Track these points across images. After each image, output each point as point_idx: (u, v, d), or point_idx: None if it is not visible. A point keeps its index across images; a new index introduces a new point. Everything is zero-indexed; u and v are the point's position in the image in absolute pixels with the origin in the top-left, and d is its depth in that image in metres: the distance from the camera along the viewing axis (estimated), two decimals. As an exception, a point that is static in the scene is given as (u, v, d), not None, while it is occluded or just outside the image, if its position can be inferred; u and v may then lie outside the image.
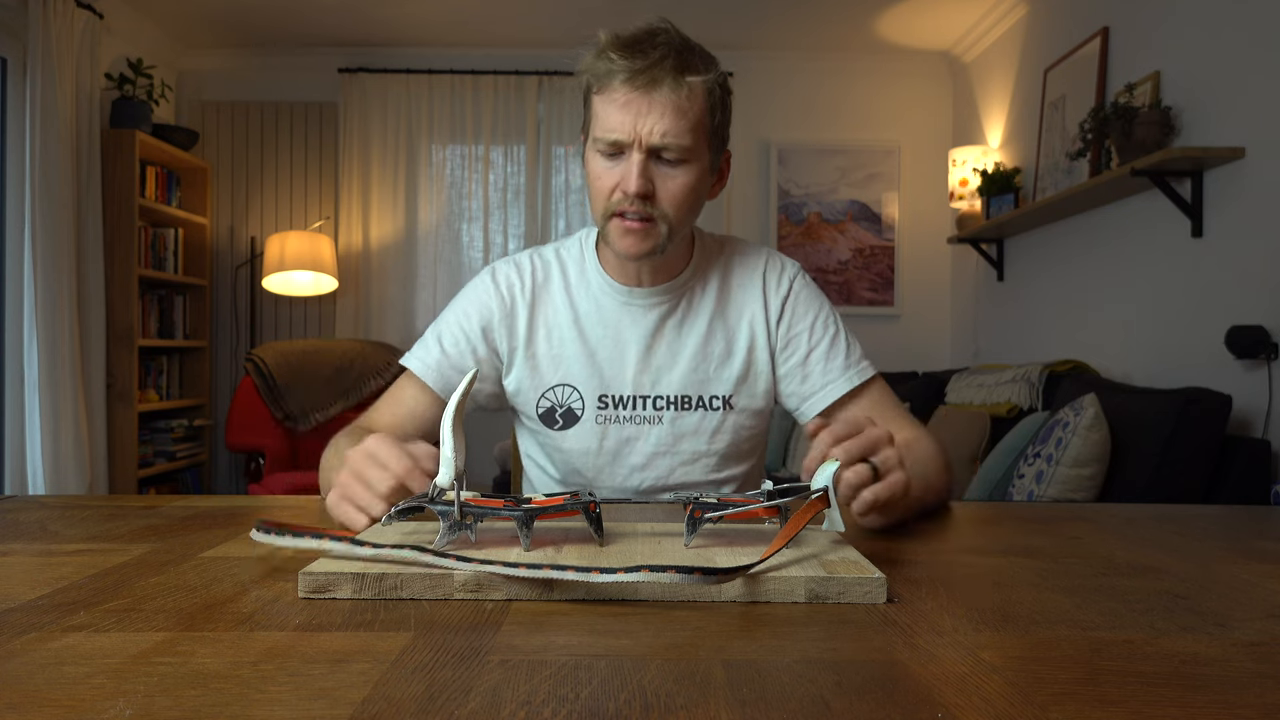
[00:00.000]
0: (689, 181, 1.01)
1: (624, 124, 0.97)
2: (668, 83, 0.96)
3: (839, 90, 4.39)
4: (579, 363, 1.12)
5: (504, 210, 4.33)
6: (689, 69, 0.98)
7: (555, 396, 1.13)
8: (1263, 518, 0.94)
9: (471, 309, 1.14)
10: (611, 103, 0.98)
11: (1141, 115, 2.47)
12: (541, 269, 1.16)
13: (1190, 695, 0.42)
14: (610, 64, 0.97)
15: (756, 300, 1.15)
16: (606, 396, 1.12)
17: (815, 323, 1.14)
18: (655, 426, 1.12)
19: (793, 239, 4.37)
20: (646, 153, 0.98)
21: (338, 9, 3.87)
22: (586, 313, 1.13)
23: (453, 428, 0.69)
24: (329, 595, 0.58)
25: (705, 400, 1.12)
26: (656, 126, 0.97)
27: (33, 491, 3.23)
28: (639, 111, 0.97)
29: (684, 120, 0.98)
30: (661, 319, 1.12)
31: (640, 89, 0.96)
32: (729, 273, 1.16)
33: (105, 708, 0.40)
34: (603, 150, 1.01)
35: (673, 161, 1.00)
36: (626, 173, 0.99)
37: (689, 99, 0.98)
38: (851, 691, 0.42)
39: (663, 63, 0.96)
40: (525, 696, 0.41)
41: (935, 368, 4.26)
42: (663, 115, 0.97)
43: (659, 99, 0.96)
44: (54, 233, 3.23)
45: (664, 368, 1.12)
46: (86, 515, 0.88)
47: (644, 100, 0.97)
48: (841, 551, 0.65)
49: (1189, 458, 2.03)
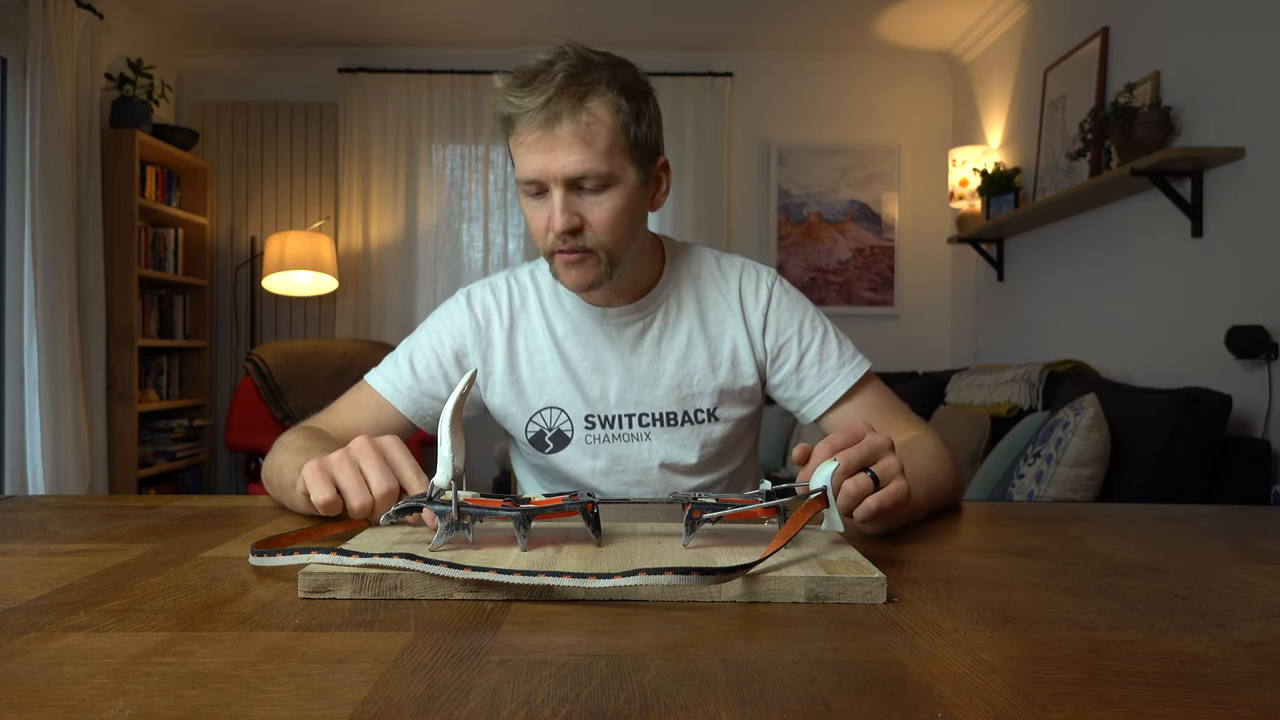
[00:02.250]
0: (617, 205, 0.99)
1: (536, 164, 0.96)
2: (567, 114, 0.94)
3: (839, 90, 4.39)
4: (563, 385, 1.11)
5: (504, 210, 4.33)
6: (589, 94, 0.95)
7: (544, 420, 1.12)
8: (1263, 518, 0.94)
9: (444, 333, 1.13)
10: (522, 145, 0.97)
11: (1141, 115, 2.47)
12: (518, 292, 1.15)
13: (1190, 695, 0.42)
14: (510, 106, 0.95)
15: (735, 314, 1.13)
16: (594, 417, 1.11)
17: (802, 327, 1.13)
18: (645, 443, 1.12)
19: (793, 239, 4.37)
20: (565, 186, 0.96)
21: (338, 9, 3.87)
22: (565, 334, 1.12)
23: (451, 428, 0.69)
24: (329, 595, 0.58)
25: (691, 414, 1.12)
26: (566, 161, 0.94)
27: (33, 491, 3.23)
28: (547, 148, 0.95)
29: (592, 148, 0.95)
30: (639, 336, 1.12)
31: (541, 126, 0.94)
32: (703, 284, 1.14)
33: (105, 708, 0.40)
34: (529, 192, 1.00)
35: (595, 189, 0.97)
36: (551, 211, 0.98)
37: (594, 125, 0.95)
38: (851, 691, 0.42)
39: (560, 96, 0.93)
40: (525, 696, 0.41)
41: (935, 368, 4.26)
42: (570, 148, 0.94)
43: (563, 133, 0.94)
44: (54, 233, 3.23)
45: (647, 385, 1.11)
46: (86, 515, 0.88)
47: (549, 137, 0.94)
48: (841, 551, 0.65)
49: (1189, 458, 2.03)
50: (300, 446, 0.94)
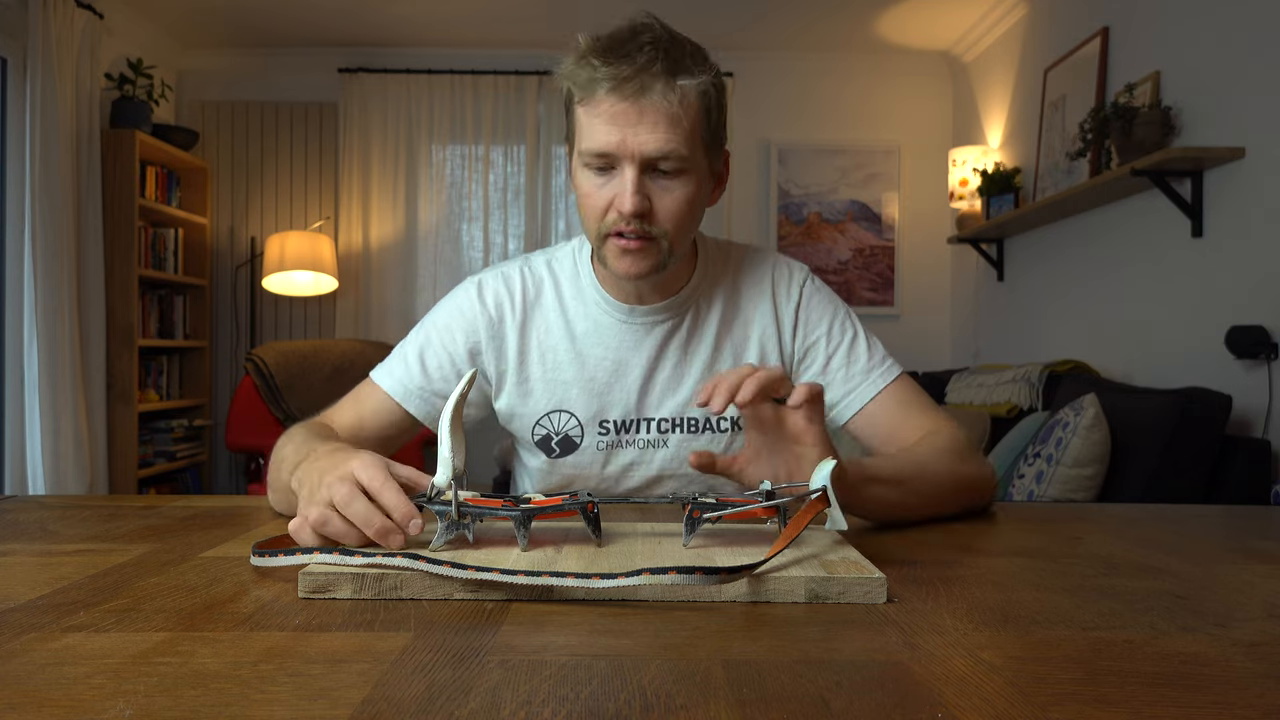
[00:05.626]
0: (688, 193, 0.92)
1: (612, 137, 0.88)
2: (658, 89, 0.87)
3: (839, 90, 4.38)
4: (576, 387, 1.04)
5: (504, 210, 4.33)
6: (680, 71, 0.88)
7: (551, 424, 1.05)
8: (1263, 518, 0.94)
9: (456, 327, 1.04)
10: (598, 115, 0.89)
11: (1141, 115, 2.47)
12: (533, 284, 1.06)
13: (1190, 695, 0.42)
14: (593, 71, 0.88)
15: (767, 313, 1.07)
16: (608, 422, 1.04)
17: (832, 328, 1.07)
18: (660, 450, 1.05)
19: (793, 239, 4.37)
20: (640, 167, 0.89)
21: (338, 9, 3.87)
22: (584, 332, 1.04)
23: (451, 427, 0.69)
24: (329, 595, 0.58)
25: (713, 423, 1.05)
26: (649, 138, 0.87)
27: (33, 491, 3.23)
28: (629, 123, 0.87)
29: (679, 129, 0.88)
30: (665, 338, 1.04)
31: (628, 98, 0.87)
32: (737, 284, 1.08)
33: (105, 708, 0.40)
34: (592, 165, 0.91)
35: (670, 173, 0.90)
36: (620, 191, 0.90)
37: (682, 105, 0.88)
38: (851, 691, 0.42)
39: (651, 67, 0.87)
40: (525, 696, 0.41)
41: (935, 368, 4.25)
42: (655, 125, 0.87)
43: (650, 107, 0.87)
44: (54, 233, 3.23)
45: (669, 390, 1.04)
46: (86, 515, 0.88)
47: (633, 110, 0.87)
48: (842, 551, 0.65)
49: (1189, 458, 2.03)
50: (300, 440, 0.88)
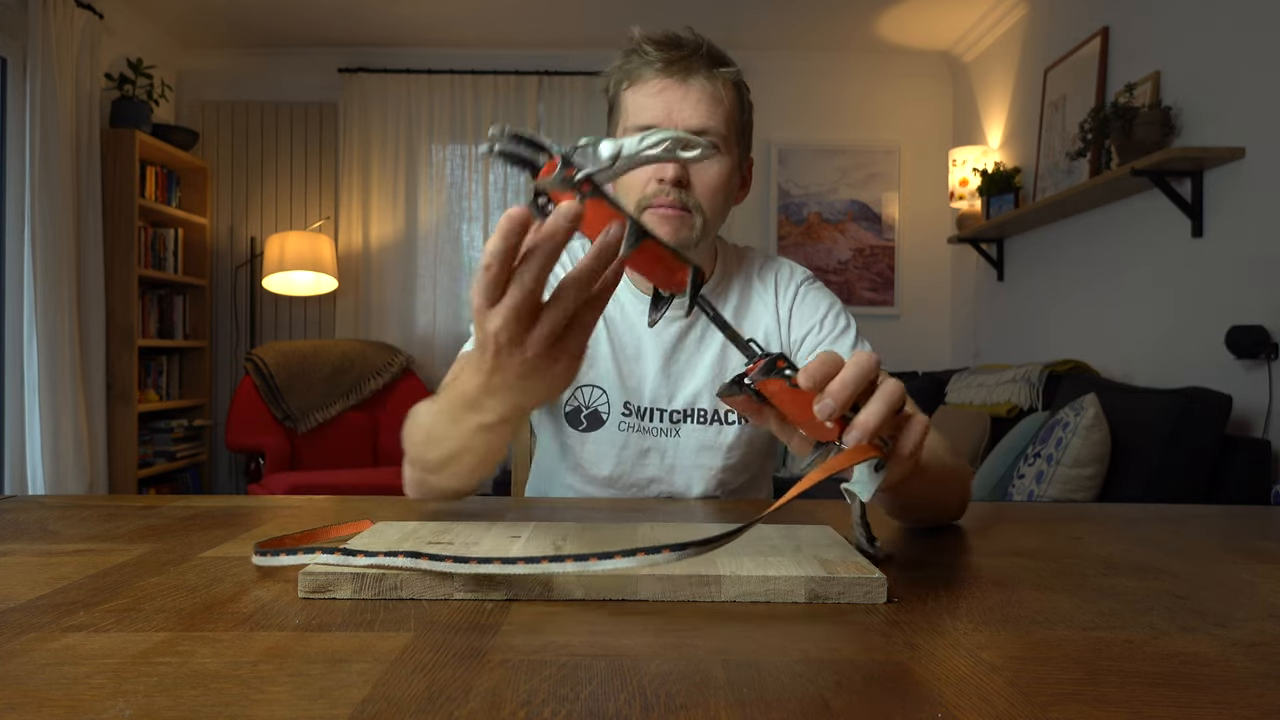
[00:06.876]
0: (723, 173, 1.01)
1: (659, 109, 0.99)
2: (702, 72, 0.99)
3: (839, 90, 4.39)
4: (607, 364, 1.10)
5: (504, 210, 4.32)
6: (721, 62, 1.01)
7: (582, 397, 1.11)
8: (1263, 518, 0.94)
9: None
10: (645, 93, 1.00)
11: (1141, 115, 2.47)
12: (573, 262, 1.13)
13: (1190, 695, 0.42)
14: (645, 56, 1.00)
15: (770, 310, 1.14)
16: (630, 405, 1.10)
17: (824, 320, 1.13)
18: (672, 439, 1.10)
19: (793, 239, 4.37)
20: None
21: (338, 9, 3.87)
22: (614, 316, 1.12)
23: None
24: (329, 595, 0.58)
25: (721, 415, 1.11)
26: (693, 113, 0.98)
27: (33, 491, 3.23)
28: (674, 98, 0.99)
29: (719, 109, 0.99)
30: (682, 332, 1.11)
31: (675, 76, 0.99)
32: (748, 285, 1.16)
33: (105, 708, 0.40)
34: None
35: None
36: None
37: (723, 89, 1.00)
38: (851, 691, 0.42)
39: (696, 53, 0.99)
40: (525, 696, 0.41)
41: (935, 368, 4.25)
42: (699, 102, 0.98)
43: (694, 86, 0.99)
44: (54, 233, 3.24)
45: (681, 381, 1.11)
46: (86, 515, 0.88)
47: (679, 87, 0.99)
48: (842, 551, 0.65)
49: (1189, 458, 2.03)
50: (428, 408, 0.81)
